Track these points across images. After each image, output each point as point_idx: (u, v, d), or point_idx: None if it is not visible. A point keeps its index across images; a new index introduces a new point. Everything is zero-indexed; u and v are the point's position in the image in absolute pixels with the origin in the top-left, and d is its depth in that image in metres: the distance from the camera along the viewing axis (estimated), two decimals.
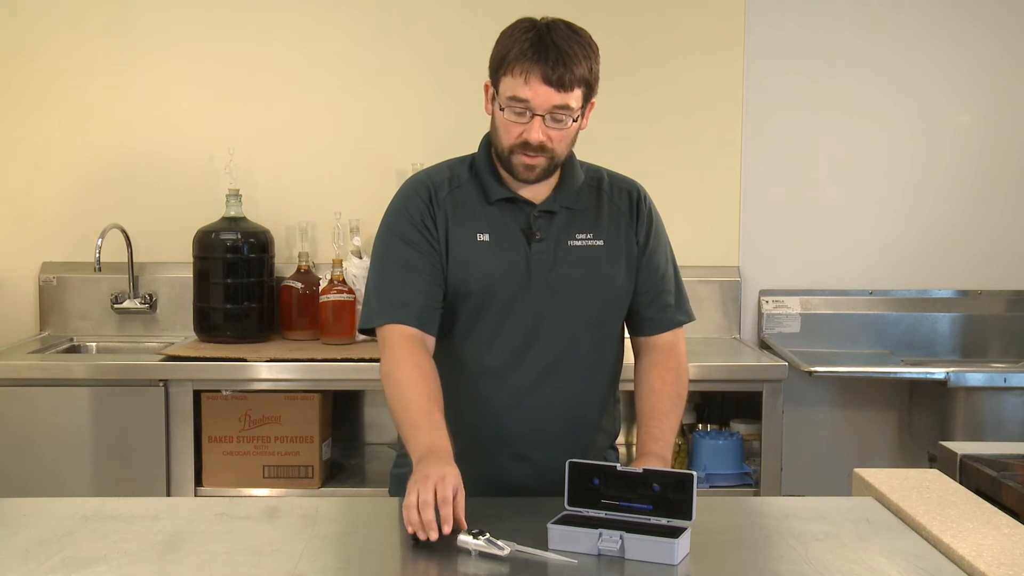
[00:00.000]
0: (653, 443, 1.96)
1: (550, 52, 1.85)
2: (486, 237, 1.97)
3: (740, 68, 3.63)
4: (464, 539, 1.65)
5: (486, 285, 1.96)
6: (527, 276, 1.96)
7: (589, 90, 1.92)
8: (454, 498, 1.68)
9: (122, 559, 1.62)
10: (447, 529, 1.66)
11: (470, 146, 2.06)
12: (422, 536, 1.66)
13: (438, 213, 1.97)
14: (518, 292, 1.96)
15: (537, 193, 1.99)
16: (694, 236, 3.57)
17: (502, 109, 1.89)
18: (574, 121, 1.91)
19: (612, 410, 2.10)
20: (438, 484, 1.69)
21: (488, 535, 1.64)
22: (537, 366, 1.97)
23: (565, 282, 1.97)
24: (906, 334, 3.68)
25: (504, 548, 1.63)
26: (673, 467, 3.18)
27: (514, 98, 1.87)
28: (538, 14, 1.94)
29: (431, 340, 1.96)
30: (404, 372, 1.89)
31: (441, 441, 1.81)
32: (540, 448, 1.99)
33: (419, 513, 1.66)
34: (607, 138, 3.41)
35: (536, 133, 1.88)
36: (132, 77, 3.59)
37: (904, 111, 3.69)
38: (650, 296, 2.05)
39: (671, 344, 2.07)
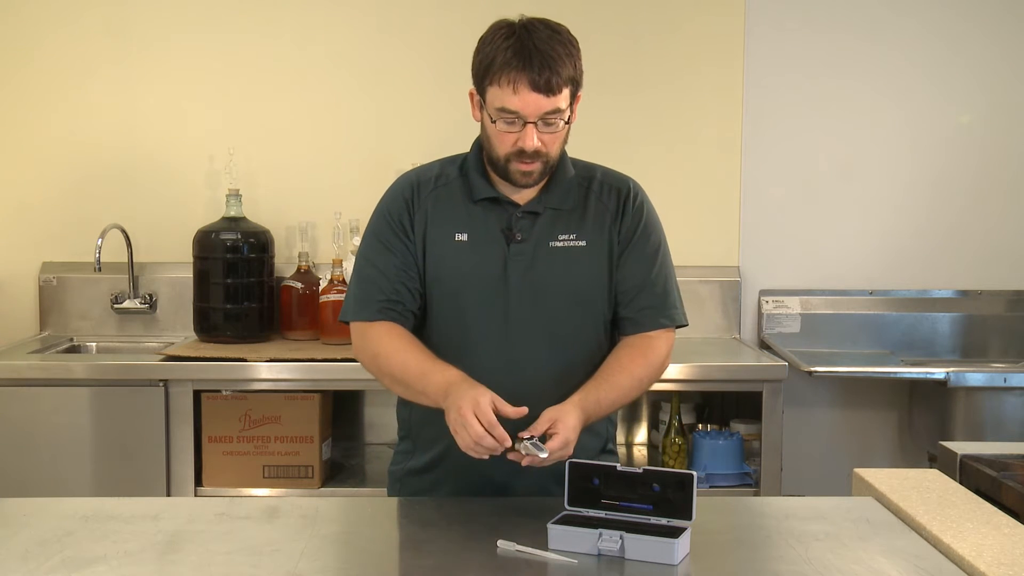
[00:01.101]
0: (585, 396, 1.88)
1: (534, 58, 1.83)
2: (464, 237, 1.97)
3: (740, 68, 3.63)
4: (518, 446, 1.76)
5: (459, 285, 1.96)
6: (503, 276, 1.95)
7: (576, 87, 1.91)
8: (497, 415, 1.75)
9: (122, 559, 1.62)
10: (508, 443, 1.74)
11: (469, 145, 2.06)
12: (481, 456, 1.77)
13: (417, 213, 1.99)
14: (494, 292, 1.95)
15: (523, 194, 1.98)
16: (694, 236, 3.57)
17: (493, 121, 1.89)
18: (565, 123, 1.91)
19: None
20: (476, 411, 1.74)
21: (535, 438, 1.75)
22: (518, 365, 1.95)
23: (543, 282, 1.96)
24: (906, 334, 3.67)
25: (545, 452, 1.74)
26: (673, 467, 3.20)
27: (503, 109, 1.86)
28: (537, 14, 1.93)
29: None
30: (386, 343, 1.95)
31: (452, 372, 1.85)
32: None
33: (479, 445, 1.74)
34: (607, 137, 3.42)
35: (530, 141, 1.87)
36: (132, 77, 3.59)
37: (904, 111, 3.69)
38: (630, 295, 2.00)
39: (648, 338, 2.00)
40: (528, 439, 1.75)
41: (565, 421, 1.80)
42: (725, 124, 3.65)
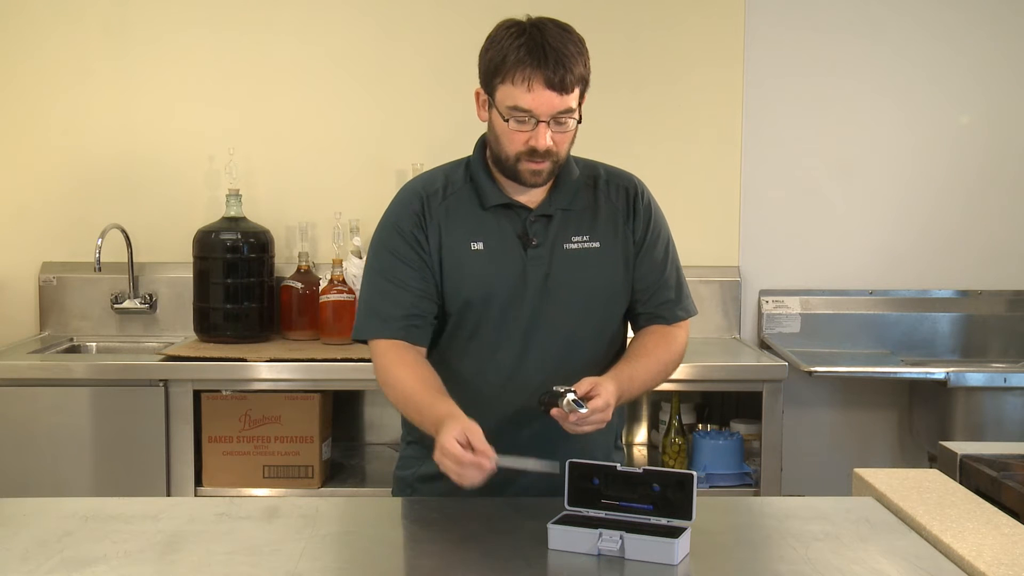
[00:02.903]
0: (619, 372, 1.91)
1: (548, 55, 1.83)
2: (480, 245, 1.97)
3: (740, 67, 3.63)
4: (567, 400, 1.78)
5: (481, 294, 1.96)
6: (523, 282, 1.95)
7: (585, 86, 1.92)
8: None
9: (122, 559, 1.62)
10: (490, 464, 1.71)
11: (470, 146, 2.06)
12: (473, 482, 1.72)
13: (430, 224, 1.97)
14: (515, 298, 1.95)
15: (533, 197, 1.99)
16: (694, 236, 3.56)
17: (505, 120, 1.88)
18: (576, 122, 1.92)
19: (618, 408, 2.09)
20: (457, 436, 1.73)
21: (575, 395, 1.78)
22: (538, 371, 1.96)
23: (561, 286, 1.97)
24: (906, 334, 3.67)
25: (585, 407, 1.77)
26: (673, 467, 3.20)
27: (516, 107, 1.86)
28: (538, 12, 1.93)
29: (422, 351, 1.98)
30: (396, 371, 1.93)
31: (450, 407, 1.83)
32: (543, 451, 1.98)
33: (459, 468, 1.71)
34: (607, 137, 3.41)
35: (543, 140, 1.87)
36: (132, 77, 3.59)
37: (904, 111, 3.68)
38: (648, 292, 2.04)
39: (668, 328, 2.05)
40: (568, 394, 1.76)
41: (605, 385, 1.82)
42: (725, 124, 3.65)
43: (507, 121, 1.88)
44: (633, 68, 3.61)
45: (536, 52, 1.83)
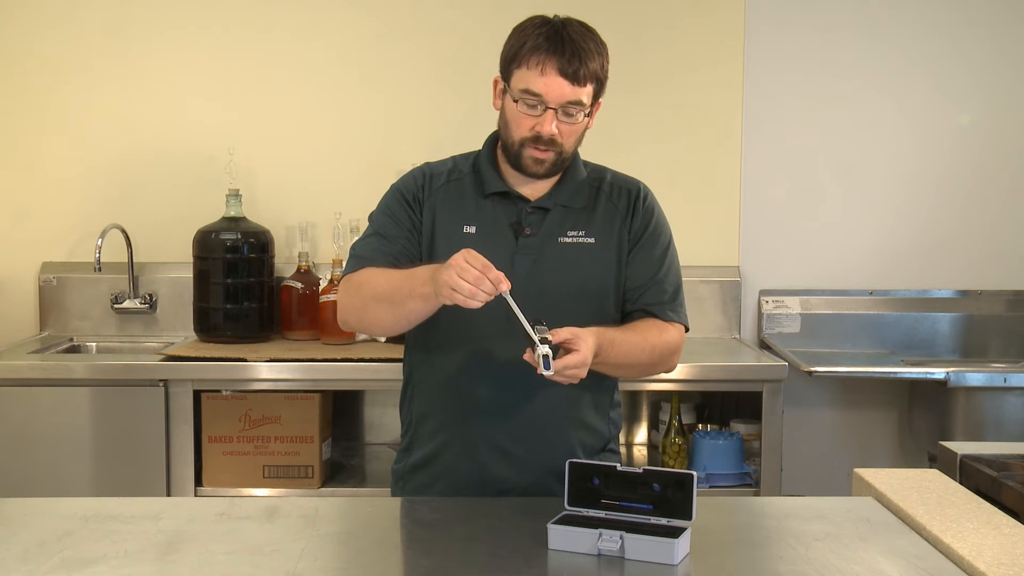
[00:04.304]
0: (602, 332, 1.88)
1: (566, 45, 1.88)
2: (472, 229, 1.99)
3: (740, 67, 3.63)
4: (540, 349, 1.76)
5: None
6: (510, 269, 1.94)
7: (599, 87, 1.95)
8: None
9: (122, 559, 1.62)
10: (505, 287, 1.73)
11: (471, 146, 2.08)
12: (480, 298, 1.73)
13: (426, 200, 2.01)
14: None
15: (534, 189, 2.00)
16: (694, 236, 3.56)
17: (515, 101, 1.91)
18: (585, 116, 1.94)
19: (605, 411, 2.08)
20: (467, 258, 1.73)
21: (550, 346, 1.76)
22: (519, 360, 1.95)
23: (549, 277, 1.97)
24: (906, 334, 3.67)
25: (550, 371, 1.76)
26: (673, 467, 3.20)
27: (527, 91, 1.89)
28: (540, 10, 1.96)
29: None
30: (369, 272, 1.94)
31: (436, 264, 1.83)
32: (521, 443, 1.99)
33: (465, 284, 1.72)
34: (607, 136, 3.40)
35: (548, 126, 1.90)
36: (132, 77, 3.59)
37: (904, 111, 3.69)
38: (640, 291, 2.02)
39: (663, 321, 2.02)
40: (545, 343, 1.76)
41: (586, 339, 1.81)
42: (725, 123, 3.65)
43: (516, 103, 1.91)
44: (633, 68, 3.60)
45: (554, 40, 1.88)
